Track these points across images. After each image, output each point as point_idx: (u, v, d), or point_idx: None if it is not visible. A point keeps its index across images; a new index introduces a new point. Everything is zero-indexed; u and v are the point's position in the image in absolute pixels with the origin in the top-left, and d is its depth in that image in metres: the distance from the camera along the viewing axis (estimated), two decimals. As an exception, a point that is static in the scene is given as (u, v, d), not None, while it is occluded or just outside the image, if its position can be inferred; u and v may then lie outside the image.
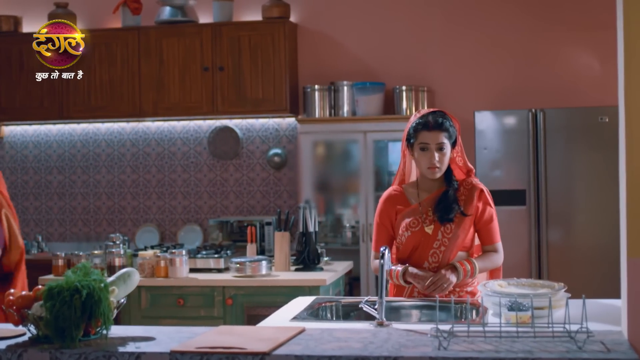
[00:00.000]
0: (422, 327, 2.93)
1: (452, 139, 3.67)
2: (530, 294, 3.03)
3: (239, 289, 5.27)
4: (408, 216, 3.71)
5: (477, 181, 3.77)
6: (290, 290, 5.12)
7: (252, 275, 5.29)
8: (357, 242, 6.92)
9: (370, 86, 6.93)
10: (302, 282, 5.22)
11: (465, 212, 3.66)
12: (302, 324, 3.06)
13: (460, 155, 3.78)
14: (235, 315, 5.25)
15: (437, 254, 3.65)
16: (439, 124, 3.64)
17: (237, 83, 6.97)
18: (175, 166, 7.51)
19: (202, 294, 5.31)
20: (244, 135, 7.40)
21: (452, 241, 3.64)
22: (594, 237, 6.27)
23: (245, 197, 7.40)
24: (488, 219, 3.72)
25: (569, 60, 6.90)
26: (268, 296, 5.22)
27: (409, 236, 3.68)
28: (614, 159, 6.04)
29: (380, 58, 7.19)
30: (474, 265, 3.62)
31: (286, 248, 5.57)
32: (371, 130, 6.81)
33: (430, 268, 3.64)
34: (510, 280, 3.40)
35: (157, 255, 5.40)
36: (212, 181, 7.45)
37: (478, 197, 3.70)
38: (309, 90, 6.99)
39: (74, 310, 2.70)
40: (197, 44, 7.04)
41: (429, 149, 3.64)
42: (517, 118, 6.36)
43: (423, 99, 6.91)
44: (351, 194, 7.10)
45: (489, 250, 3.76)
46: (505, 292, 3.16)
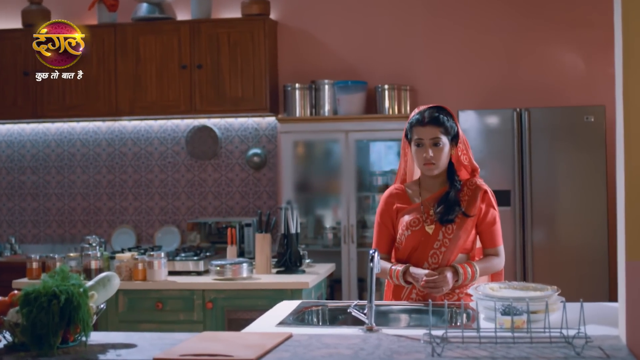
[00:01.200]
0: (413, 333, 2.86)
1: (449, 134, 3.60)
2: (526, 298, 2.97)
3: (219, 292, 5.21)
4: (409, 215, 3.65)
5: (482, 182, 3.70)
6: (272, 294, 5.10)
7: (232, 278, 5.23)
8: (338, 243, 6.88)
9: (352, 85, 6.87)
10: (284, 285, 5.17)
11: (468, 213, 3.60)
12: (288, 330, 3.00)
13: (465, 153, 3.72)
14: (216, 319, 5.19)
15: (437, 255, 3.59)
16: (433, 119, 3.58)
17: (216, 81, 6.90)
18: (152, 166, 7.43)
19: (182, 297, 5.25)
20: (223, 135, 7.33)
21: (453, 242, 3.58)
22: (579, 238, 6.25)
23: (224, 198, 7.33)
24: (491, 221, 3.66)
25: (554, 59, 6.87)
26: (249, 299, 5.17)
27: (409, 235, 3.62)
28: (600, 159, 6.17)
29: (362, 56, 7.13)
30: (474, 269, 3.56)
31: (267, 250, 5.51)
32: (353, 130, 6.76)
33: (430, 269, 3.57)
34: (502, 284, 3.35)
35: (135, 258, 5.33)
36: (190, 182, 7.38)
37: (481, 198, 3.64)
38: (289, 89, 6.93)
39: (52, 317, 2.62)
40: (174, 41, 6.96)
41: (424, 145, 3.58)
42: (501, 117, 6.32)
43: (406, 98, 6.87)
44: (332, 194, 7.06)
45: (490, 254, 3.70)
46: (498, 296, 3.10)
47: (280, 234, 5.54)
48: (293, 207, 5.52)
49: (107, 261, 5.43)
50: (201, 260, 5.52)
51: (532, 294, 3.16)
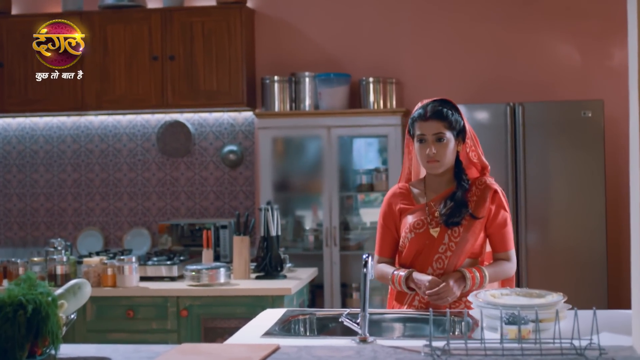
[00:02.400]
0: (411, 344, 2.78)
1: (454, 129, 3.53)
2: (535, 306, 2.90)
3: (195, 299, 5.16)
4: (413, 216, 3.58)
5: (492, 181, 3.62)
6: (251, 301, 5.09)
7: (209, 284, 5.18)
8: (320, 246, 6.82)
9: (335, 77, 6.81)
10: (265, 291, 5.12)
11: (476, 214, 3.52)
12: (275, 341, 2.92)
13: (474, 150, 3.64)
14: (191, 328, 5.15)
15: (442, 260, 3.51)
16: (436, 112, 3.50)
17: (189, 74, 6.82)
18: (120, 164, 7.34)
19: (154, 304, 5.20)
20: (197, 131, 7.25)
21: (459, 246, 3.50)
22: (576, 240, 6.22)
23: (197, 198, 7.25)
24: (501, 223, 3.57)
25: (549, 51, 6.83)
26: (227, 307, 5.14)
27: (412, 238, 3.55)
28: (598, 156, 6.13)
29: (345, 47, 7.07)
30: (483, 274, 3.48)
31: (246, 254, 5.46)
32: (335, 126, 6.70)
33: (434, 275, 3.49)
34: (504, 290, 3.28)
35: (103, 263, 5.27)
36: (161, 181, 7.31)
37: (491, 199, 3.56)
38: (267, 81, 6.85)
39: (18, 328, 2.52)
40: (145, 30, 6.86)
41: (427, 141, 3.51)
42: (493, 112, 6.26)
43: (391, 92, 6.82)
44: (314, 194, 6.99)
45: (500, 258, 3.61)
46: (501, 304, 3.03)
47: (260, 236, 5.48)
48: (273, 208, 5.44)
49: (74, 266, 5.35)
50: (175, 265, 5.47)
51: (536, 301, 3.09)
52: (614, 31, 6.72)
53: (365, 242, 6.93)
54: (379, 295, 6.82)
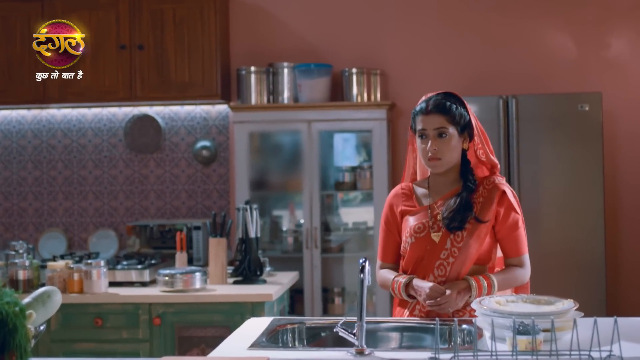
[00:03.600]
0: (414, 356, 2.70)
1: (458, 124, 3.43)
2: (550, 314, 2.82)
3: (168, 306, 5.08)
4: (414, 219, 3.49)
5: (501, 180, 3.52)
6: (229, 308, 5.03)
7: (183, 290, 5.10)
8: (299, 248, 6.76)
9: (315, 68, 6.76)
10: (244, 297, 5.04)
11: (481, 217, 3.42)
12: (264, 354, 2.83)
13: (481, 148, 3.54)
14: (164, 337, 5.06)
15: (444, 267, 3.42)
16: (438, 105, 3.41)
17: (159, 64, 6.75)
18: (85, 161, 7.26)
19: (124, 312, 5.11)
20: (167, 125, 7.18)
21: (462, 252, 3.40)
22: (573, 240, 6.19)
23: (168, 197, 7.18)
24: (512, 226, 3.48)
25: (543, 40, 6.81)
26: (203, 314, 5.06)
27: (413, 243, 3.46)
28: (596, 152, 6.10)
29: (327, 36, 7.02)
30: (491, 282, 3.38)
31: (223, 257, 5.38)
32: (316, 120, 6.65)
33: (436, 283, 3.39)
34: (509, 297, 3.20)
35: (69, 267, 5.17)
36: (129, 179, 7.23)
37: (499, 201, 3.46)
38: (243, 72, 6.80)
39: (-18, 342, 2.41)
40: (112, 18, 6.78)
41: (427, 136, 3.42)
42: (485, 105, 6.22)
43: (376, 84, 6.78)
44: (293, 193, 6.96)
45: (512, 264, 3.52)
46: (508, 311, 2.94)
47: (238, 238, 5.38)
48: (252, 208, 5.35)
49: (37, 271, 5.25)
50: (146, 269, 5.38)
51: (545, 309, 3.01)
52: (611, 19, 6.71)
53: (346, 244, 6.87)
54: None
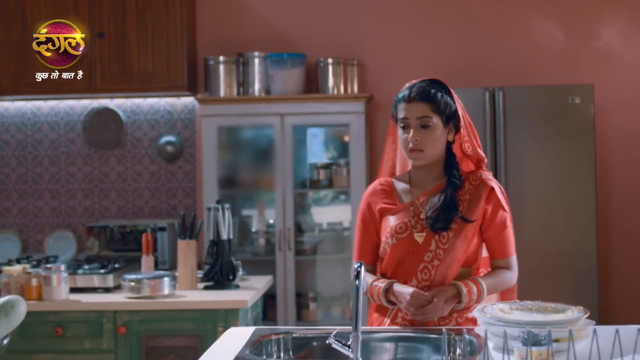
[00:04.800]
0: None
1: (444, 114, 3.35)
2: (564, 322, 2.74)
3: (135, 314, 5.00)
4: (395, 218, 3.40)
5: (488, 175, 3.44)
6: (200, 315, 4.97)
7: (151, 296, 5.03)
8: (272, 251, 6.73)
9: (288, 58, 6.72)
10: (217, 304, 4.98)
11: (468, 217, 3.34)
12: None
13: (468, 141, 3.46)
14: (130, 348, 4.99)
15: (428, 270, 3.33)
16: (421, 92, 3.34)
17: (121, 53, 6.70)
18: (41, 157, 7.19)
19: (87, 320, 5.03)
20: (129, 119, 7.14)
21: (448, 254, 3.32)
22: (563, 242, 6.18)
23: (130, 196, 7.14)
24: (499, 225, 3.41)
25: (530, 29, 6.84)
26: (172, 323, 4.99)
27: (394, 244, 3.37)
28: (588, 147, 6.08)
29: (300, 24, 7.00)
30: (481, 287, 3.31)
31: (192, 260, 5.30)
32: (289, 113, 6.63)
33: (420, 288, 3.31)
34: (512, 304, 3.11)
35: (27, 272, 5.08)
36: (88, 176, 7.17)
37: (486, 198, 3.38)
38: (211, 62, 6.77)
39: (-58, 359, 2.29)
40: (69, 3, 6.71)
41: (409, 126, 3.34)
42: (470, 98, 6.13)
43: (353, 75, 6.77)
44: (265, 191, 6.94)
45: (499, 266, 3.46)
46: (514, 320, 2.86)
47: (209, 240, 5.29)
48: (224, 208, 5.25)
49: (-9, 276, 5.12)
50: (110, 274, 5.31)
51: (554, 317, 2.93)
52: (601, 6, 6.74)
53: (320, 246, 6.82)
54: (339, 306, 6.68)
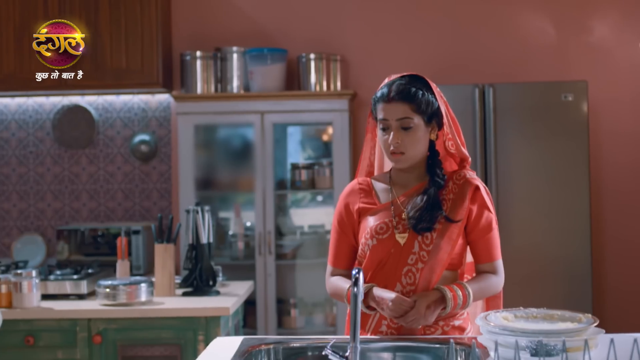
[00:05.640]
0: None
1: (425, 113, 3.28)
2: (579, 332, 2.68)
3: (110, 322, 4.96)
4: (375, 218, 3.34)
5: (473, 175, 3.39)
6: (180, 323, 4.94)
7: (127, 304, 4.99)
8: (251, 255, 6.70)
9: (268, 54, 6.72)
10: (197, 311, 4.94)
11: (452, 216, 3.28)
12: (241, 381, 2.63)
13: (451, 139, 3.39)
14: (106, 358, 4.97)
15: (412, 273, 3.26)
16: (402, 92, 3.25)
17: (93, 48, 6.61)
18: (8, 157, 7.14)
19: (60, 329, 4.98)
20: (101, 117, 7.10)
21: (433, 255, 3.25)
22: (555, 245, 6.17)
23: (102, 197, 7.10)
24: (485, 227, 3.35)
25: (521, 24, 6.84)
26: (150, 331, 4.96)
27: (374, 246, 3.29)
28: (582, 146, 6.09)
29: (281, 17, 6.99)
30: (467, 292, 3.24)
31: (171, 265, 5.28)
32: (270, 111, 6.61)
33: (404, 293, 3.24)
34: (517, 311, 3.04)
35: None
36: (58, 177, 7.11)
37: (471, 197, 3.32)
38: (187, 58, 6.75)
39: None
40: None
41: (390, 127, 3.28)
42: (459, 95, 6.20)
43: (336, 71, 6.77)
44: (244, 193, 6.93)
45: (485, 271, 3.39)
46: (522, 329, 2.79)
47: (188, 244, 5.24)
48: (204, 210, 5.20)
49: (-42, 282, 5.05)
50: (83, 280, 5.27)
51: (562, 326, 2.86)
52: (592, 0, 6.66)
53: (301, 249, 6.81)
54: (321, 313, 6.63)
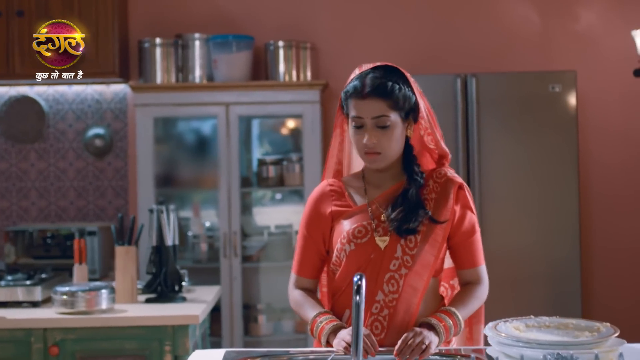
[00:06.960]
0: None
1: (402, 109, 3.13)
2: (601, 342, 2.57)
3: (68, 332, 4.77)
4: (351, 222, 3.19)
5: (453, 173, 3.26)
6: (145, 333, 4.76)
7: (87, 311, 4.80)
8: (215, 257, 6.66)
9: (234, 41, 6.70)
10: (163, 319, 4.75)
11: (437, 217, 3.16)
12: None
13: (430, 133, 3.25)
14: None
15: (395, 280, 3.11)
16: (376, 88, 3.09)
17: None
18: None
19: (13, 340, 4.78)
20: (52, 109, 7.06)
21: (417, 260, 3.11)
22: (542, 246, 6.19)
23: (52, 196, 7.03)
24: (469, 229, 3.22)
25: (505, 10, 6.85)
26: (112, 341, 4.77)
27: (352, 251, 3.14)
28: (570, 140, 6.05)
29: (248, 2, 7.02)
30: (457, 320, 3.08)
31: (133, 270, 5.09)
32: (235, 103, 6.59)
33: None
34: (528, 320, 2.95)
35: None
36: (4, 174, 7.08)
37: (455, 197, 3.20)
38: (146, 45, 6.72)
39: None
40: (-17, -24, 6.66)
41: (364, 126, 3.12)
42: (439, 85, 6.23)
43: (306, 60, 6.76)
44: (207, 191, 6.91)
45: (468, 280, 3.24)
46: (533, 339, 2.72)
47: (152, 246, 5.07)
48: (169, 209, 5.04)
49: None
50: (37, 286, 5.06)
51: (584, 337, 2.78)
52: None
53: (268, 251, 6.81)
54: (290, 319, 6.54)
